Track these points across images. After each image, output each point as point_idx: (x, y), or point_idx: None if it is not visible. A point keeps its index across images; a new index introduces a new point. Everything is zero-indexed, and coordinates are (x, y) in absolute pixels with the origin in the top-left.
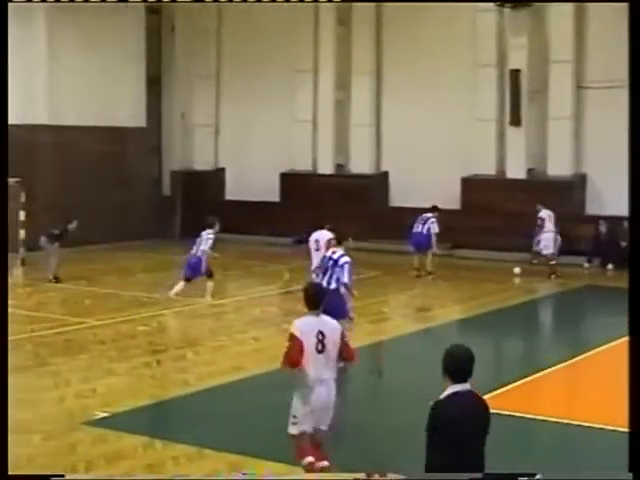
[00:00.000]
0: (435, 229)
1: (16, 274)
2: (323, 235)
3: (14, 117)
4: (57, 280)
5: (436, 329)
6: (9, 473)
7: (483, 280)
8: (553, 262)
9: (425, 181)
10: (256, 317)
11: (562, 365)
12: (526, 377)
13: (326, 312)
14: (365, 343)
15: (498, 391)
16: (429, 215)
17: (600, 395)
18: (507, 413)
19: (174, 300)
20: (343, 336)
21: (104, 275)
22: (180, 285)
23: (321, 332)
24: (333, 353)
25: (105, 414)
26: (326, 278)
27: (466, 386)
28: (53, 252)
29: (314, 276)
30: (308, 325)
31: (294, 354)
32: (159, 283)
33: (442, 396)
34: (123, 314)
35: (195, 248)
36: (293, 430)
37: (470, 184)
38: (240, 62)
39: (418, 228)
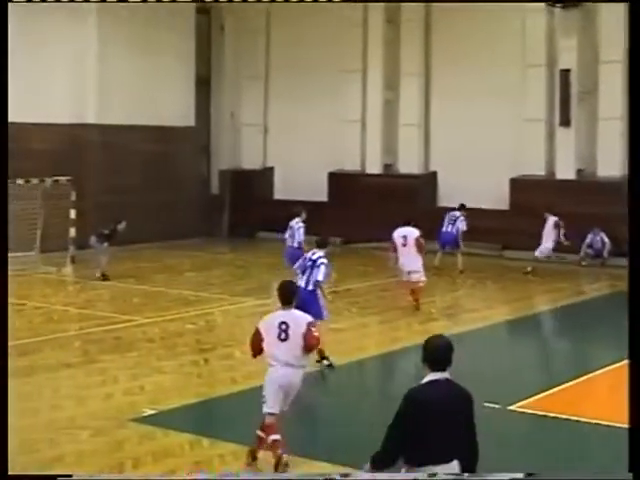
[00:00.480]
0: (463, 227)
1: (66, 272)
2: (411, 232)
3: (64, 116)
4: (105, 278)
5: (483, 330)
6: (9, 473)
7: (532, 281)
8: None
9: (473, 181)
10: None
11: (612, 367)
12: (575, 379)
13: (302, 311)
14: (413, 343)
15: (546, 393)
16: (457, 214)
17: None
18: (554, 415)
19: (220, 299)
20: (310, 327)
21: (152, 273)
22: None
23: (284, 322)
24: (298, 342)
25: (152, 411)
26: (304, 278)
27: (444, 375)
28: (102, 251)
29: (298, 275)
30: (273, 318)
31: (253, 344)
32: (207, 282)
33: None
34: (171, 312)
35: (289, 239)
36: (264, 408)
37: (519, 185)
38: (289, 62)
39: (447, 227)
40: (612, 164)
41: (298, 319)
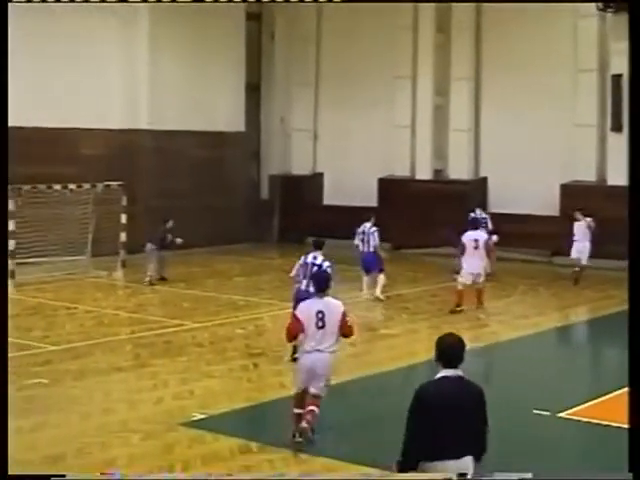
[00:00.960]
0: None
1: (117, 276)
2: (482, 235)
3: (116, 121)
4: (163, 279)
5: (533, 337)
6: (9, 473)
7: (583, 288)
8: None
9: (524, 187)
10: (353, 322)
11: None
12: (626, 387)
13: None
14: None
15: (596, 401)
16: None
17: None
18: (605, 423)
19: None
20: (345, 316)
21: (202, 278)
22: (381, 280)
23: (321, 311)
24: (334, 329)
25: (202, 416)
26: (305, 282)
27: (457, 372)
28: (157, 256)
29: (296, 283)
30: (310, 306)
31: (292, 331)
32: (257, 287)
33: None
34: (221, 317)
35: (362, 244)
36: (294, 389)
37: (569, 190)
38: (339, 68)
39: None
40: None
41: (333, 308)
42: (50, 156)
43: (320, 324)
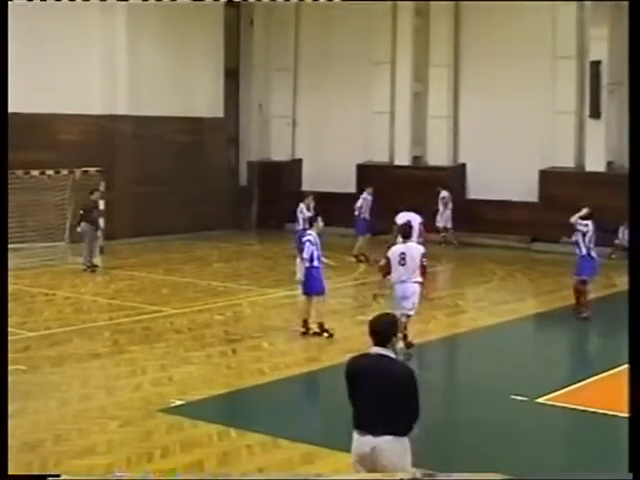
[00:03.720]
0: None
1: (95, 262)
2: (415, 217)
3: (95, 108)
4: (93, 268)
5: (513, 323)
6: (9, 473)
7: (561, 274)
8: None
9: (502, 174)
10: (332, 308)
11: None
12: (604, 372)
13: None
14: (441, 335)
15: (574, 386)
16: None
17: None
18: (582, 408)
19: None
20: (422, 257)
21: (181, 264)
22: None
23: (403, 252)
24: (412, 266)
25: (181, 402)
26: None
27: (381, 350)
28: (91, 237)
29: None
30: (396, 249)
31: (385, 268)
32: (235, 273)
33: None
34: (199, 303)
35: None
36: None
37: (548, 177)
38: (317, 54)
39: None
40: None
41: (413, 251)
42: (28, 142)
43: (402, 262)
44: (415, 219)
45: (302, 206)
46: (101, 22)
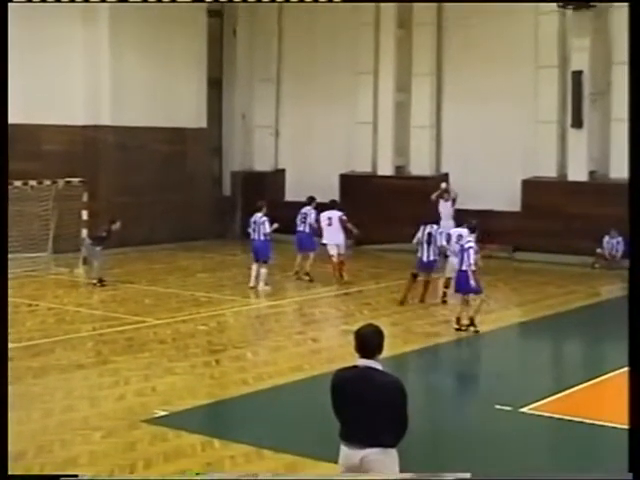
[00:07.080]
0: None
1: (78, 273)
2: (335, 214)
3: (78, 118)
4: (102, 283)
5: (496, 332)
6: (9, 473)
7: (544, 283)
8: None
9: (485, 183)
10: (315, 318)
11: (625, 369)
12: (588, 381)
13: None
14: (425, 345)
15: (558, 395)
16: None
17: None
18: (568, 418)
19: (232, 300)
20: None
21: (164, 274)
22: (263, 271)
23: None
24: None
25: (164, 412)
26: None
27: (369, 362)
28: (97, 255)
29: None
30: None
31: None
32: (219, 283)
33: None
34: (183, 313)
35: (253, 233)
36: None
37: (531, 186)
38: (300, 64)
39: (300, 227)
40: (625, 166)
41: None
42: (10, 152)
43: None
44: (335, 214)
45: (259, 216)
46: (84, 32)
